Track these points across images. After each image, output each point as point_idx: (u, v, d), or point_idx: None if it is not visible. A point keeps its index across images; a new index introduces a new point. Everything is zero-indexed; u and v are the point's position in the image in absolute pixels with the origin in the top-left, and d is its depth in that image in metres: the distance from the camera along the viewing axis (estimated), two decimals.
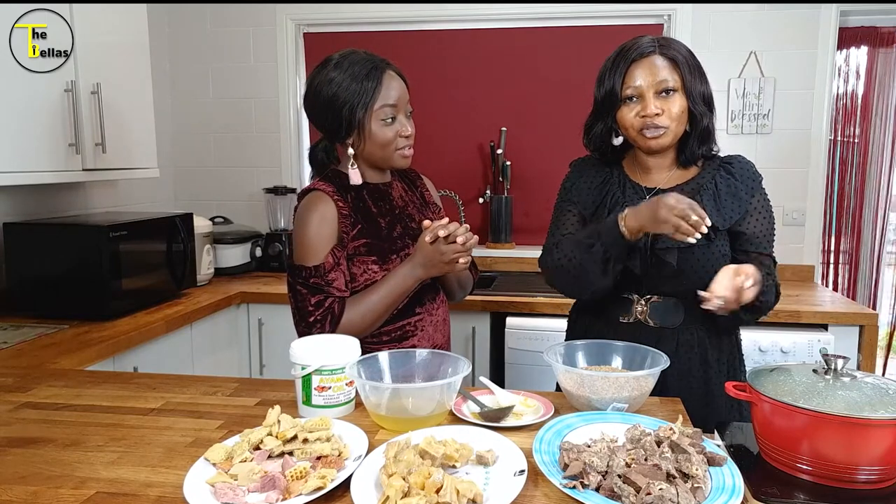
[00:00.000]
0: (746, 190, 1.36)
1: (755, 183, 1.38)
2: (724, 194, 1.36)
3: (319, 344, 1.20)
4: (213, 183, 3.22)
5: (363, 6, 2.98)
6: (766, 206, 1.39)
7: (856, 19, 2.80)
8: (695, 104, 1.34)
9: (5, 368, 1.54)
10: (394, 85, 1.40)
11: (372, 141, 1.40)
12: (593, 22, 2.89)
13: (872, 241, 2.93)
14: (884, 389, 0.93)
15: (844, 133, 2.90)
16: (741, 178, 1.37)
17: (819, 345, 2.18)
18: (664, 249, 1.35)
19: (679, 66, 1.32)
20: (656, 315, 1.40)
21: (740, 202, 1.36)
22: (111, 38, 2.22)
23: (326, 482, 0.87)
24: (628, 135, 1.39)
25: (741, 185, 1.36)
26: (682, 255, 1.34)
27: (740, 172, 1.37)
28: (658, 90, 1.32)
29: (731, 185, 1.36)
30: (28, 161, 1.93)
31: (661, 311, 1.40)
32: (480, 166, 3.07)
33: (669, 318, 1.39)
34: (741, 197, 1.36)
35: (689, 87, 1.33)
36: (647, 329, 1.40)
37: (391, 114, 1.39)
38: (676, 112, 1.33)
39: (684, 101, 1.33)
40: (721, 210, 1.35)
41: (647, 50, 1.33)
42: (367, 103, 1.37)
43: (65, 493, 0.91)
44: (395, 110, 1.40)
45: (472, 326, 2.44)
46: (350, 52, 1.41)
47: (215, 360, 2.45)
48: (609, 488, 0.85)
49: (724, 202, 1.35)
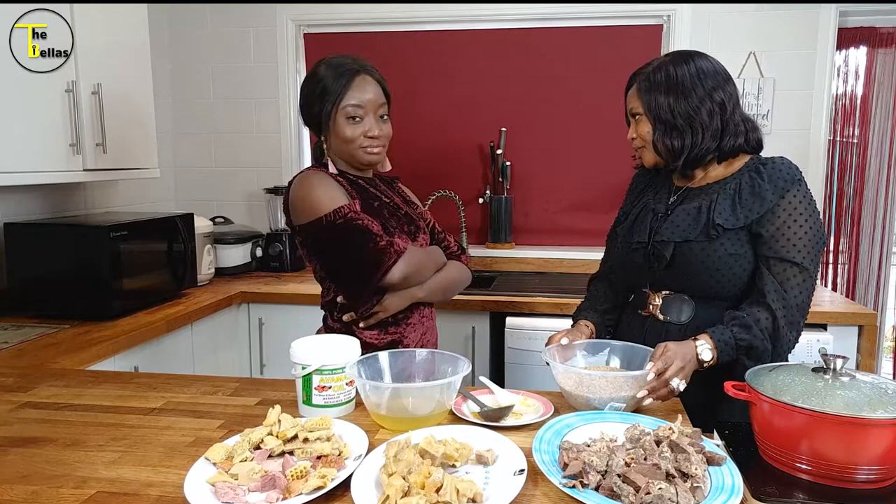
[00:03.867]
0: (774, 191, 1.31)
1: (788, 184, 1.31)
2: (746, 194, 1.33)
3: (320, 344, 1.21)
4: (213, 183, 3.23)
5: (363, 6, 2.98)
6: (798, 210, 1.30)
7: (855, 20, 2.80)
8: (658, 120, 1.37)
9: (6, 368, 1.54)
10: (366, 87, 1.46)
11: (336, 136, 1.47)
12: (593, 22, 2.88)
13: (872, 241, 2.93)
14: (883, 389, 0.93)
15: (844, 133, 2.90)
16: (770, 178, 1.32)
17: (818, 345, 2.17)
18: (662, 242, 1.38)
19: (639, 92, 1.40)
20: (666, 310, 1.42)
21: (762, 202, 1.31)
22: (111, 38, 2.22)
23: (327, 481, 0.88)
24: None
25: (768, 185, 1.32)
26: (679, 251, 1.36)
27: (771, 173, 1.33)
28: (632, 115, 1.43)
29: (758, 185, 1.33)
30: (28, 161, 1.93)
31: (670, 306, 1.42)
32: (480, 166, 3.07)
33: (678, 314, 1.40)
34: (765, 197, 1.31)
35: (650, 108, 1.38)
36: (658, 323, 1.43)
37: (355, 113, 1.45)
38: (643, 133, 1.40)
39: (648, 124, 1.39)
40: (736, 210, 1.33)
41: (632, 81, 1.44)
42: (334, 100, 1.44)
43: (65, 493, 0.91)
44: (361, 110, 1.45)
45: (472, 326, 2.44)
46: (337, 56, 1.50)
47: (216, 360, 2.45)
48: (608, 488, 0.86)
49: (743, 202, 1.33)
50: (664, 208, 1.45)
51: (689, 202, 1.40)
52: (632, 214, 1.51)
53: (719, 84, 1.37)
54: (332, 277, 1.52)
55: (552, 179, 2.98)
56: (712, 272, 1.34)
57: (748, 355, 1.27)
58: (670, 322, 1.41)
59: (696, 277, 1.35)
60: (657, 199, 1.48)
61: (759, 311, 1.29)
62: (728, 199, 1.34)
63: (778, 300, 1.29)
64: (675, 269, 1.37)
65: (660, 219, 1.43)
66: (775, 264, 1.30)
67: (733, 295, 1.36)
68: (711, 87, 1.36)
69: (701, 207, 1.36)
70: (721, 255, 1.33)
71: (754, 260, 1.34)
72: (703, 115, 1.35)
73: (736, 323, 1.27)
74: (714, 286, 1.35)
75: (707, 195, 1.38)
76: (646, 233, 1.43)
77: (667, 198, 1.47)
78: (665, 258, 1.37)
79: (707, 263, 1.33)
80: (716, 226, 1.33)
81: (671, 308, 1.42)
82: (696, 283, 1.36)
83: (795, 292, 1.29)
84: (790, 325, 1.30)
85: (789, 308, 1.29)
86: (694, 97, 1.35)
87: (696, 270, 1.35)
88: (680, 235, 1.36)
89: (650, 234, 1.42)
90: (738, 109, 1.39)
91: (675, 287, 1.41)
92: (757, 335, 1.26)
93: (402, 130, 3.02)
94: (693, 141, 1.36)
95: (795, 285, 1.29)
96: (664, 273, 1.40)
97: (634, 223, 1.48)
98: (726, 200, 1.34)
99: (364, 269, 1.42)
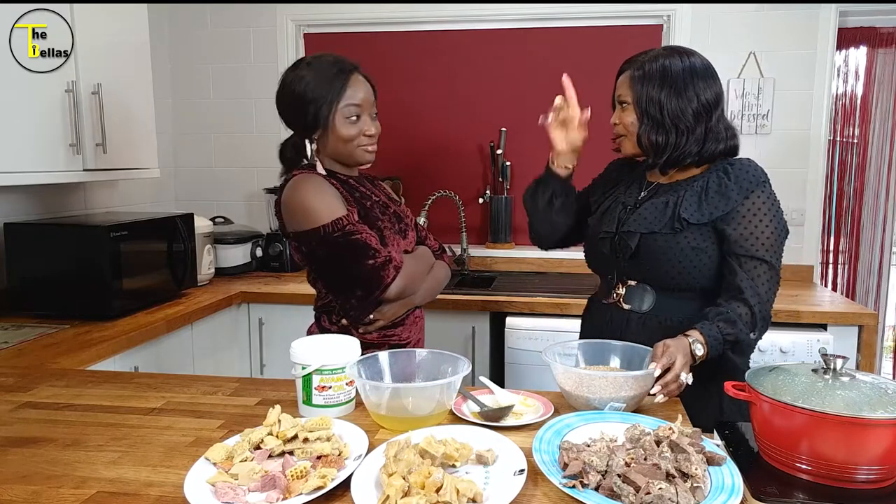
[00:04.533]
0: (739, 191, 1.36)
1: (753, 185, 1.37)
2: (713, 192, 1.38)
3: (320, 344, 1.21)
4: (213, 183, 3.23)
5: (363, 6, 2.98)
6: (762, 210, 1.36)
7: (855, 20, 2.80)
8: (647, 114, 1.39)
9: (6, 368, 1.54)
10: (360, 87, 1.47)
11: (336, 136, 1.47)
12: (593, 22, 2.89)
13: (872, 241, 2.93)
14: (883, 389, 0.93)
15: (844, 133, 2.90)
16: (736, 179, 1.38)
17: (818, 345, 2.18)
18: (628, 233, 1.43)
19: (631, 81, 1.41)
20: (629, 299, 1.47)
21: (727, 201, 1.36)
22: (111, 38, 2.22)
23: (327, 481, 0.88)
24: None
25: (734, 185, 1.37)
26: (644, 241, 1.41)
27: (737, 174, 1.38)
28: (619, 101, 1.45)
29: (724, 184, 1.38)
30: (29, 161, 1.93)
31: (632, 295, 1.46)
32: (480, 166, 3.07)
33: (639, 302, 1.45)
34: (730, 196, 1.36)
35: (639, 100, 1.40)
36: (621, 312, 1.48)
37: (355, 112, 1.46)
38: (627, 122, 1.43)
39: (633, 115, 1.42)
40: (701, 206, 1.38)
41: (625, 66, 1.45)
42: (332, 101, 1.44)
43: (65, 493, 0.91)
44: (359, 109, 1.47)
45: (472, 326, 2.44)
46: (321, 55, 1.50)
47: (216, 360, 2.45)
48: (608, 488, 0.86)
49: (710, 199, 1.38)
50: (633, 201, 1.49)
51: (657, 197, 1.45)
52: (602, 206, 1.56)
53: (709, 86, 1.39)
54: (328, 287, 1.52)
55: None
56: (674, 263, 1.39)
57: (733, 349, 1.32)
58: (632, 311, 1.46)
59: (659, 268, 1.40)
60: (628, 194, 1.53)
61: (738, 307, 1.33)
62: (695, 195, 1.40)
63: (754, 296, 1.34)
64: (639, 260, 1.43)
65: (628, 211, 1.48)
66: (746, 262, 1.35)
67: (693, 287, 1.41)
68: (702, 88, 1.38)
69: (668, 202, 1.41)
70: (683, 248, 1.38)
71: (716, 256, 1.39)
72: (688, 116, 1.38)
73: (721, 318, 1.30)
74: (676, 277, 1.40)
75: (675, 191, 1.43)
76: (614, 224, 1.48)
77: (637, 192, 1.51)
78: (630, 248, 1.42)
79: (669, 255, 1.39)
80: (681, 219, 1.38)
81: (633, 297, 1.47)
82: (659, 273, 1.41)
83: (766, 287, 1.36)
84: (763, 319, 1.35)
85: (763, 303, 1.35)
86: (684, 96, 1.38)
87: (659, 261, 1.40)
88: (646, 227, 1.41)
89: (618, 225, 1.47)
90: (723, 116, 1.43)
91: (638, 277, 1.46)
92: (742, 329, 1.31)
93: (402, 130, 3.05)
94: (677, 142, 1.39)
95: (765, 281, 1.36)
96: (629, 263, 1.45)
97: (604, 214, 1.54)
98: (693, 197, 1.40)
99: (363, 285, 1.43)
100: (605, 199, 1.58)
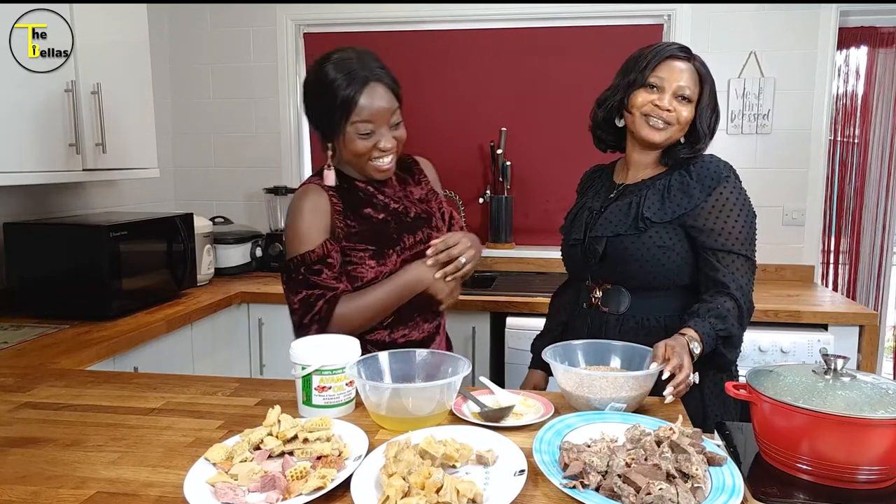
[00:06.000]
0: (701, 188, 1.38)
1: (714, 181, 1.38)
2: (675, 191, 1.40)
3: (320, 344, 1.21)
4: (213, 183, 3.22)
5: (363, 6, 2.98)
6: (728, 205, 1.37)
7: (856, 19, 2.80)
8: (700, 121, 1.41)
9: (6, 368, 1.54)
10: (376, 97, 1.38)
11: (347, 150, 1.42)
12: (593, 22, 2.89)
13: (872, 242, 2.93)
14: (883, 389, 0.93)
15: (844, 133, 2.90)
16: (698, 176, 1.39)
17: (819, 345, 2.18)
18: (595, 238, 1.45)
19: (703, 83, 1.41)
20: (607, 301, 1.48)
21: (690, 199, 1.38)
22: (111, 38, 2.22)
23: (327, 482, 0.87)
24: (632, 118, 1.44)
25: (696, 183, 1.39)
26: (611, 244, 1.43)
27: (698, 171, 1.40)
28: (677, 93, 1.39)
29: (685, 182, 1.40)
30: (28, 161, 1.93)
31: (610, 297, 1.47)
32: (480, 166, 3.07)
33: (615, 304, 1.46)
34: (692, 194, 1.38)
35: (702, 104, 1.41)
36: (600, 315, 1.49)
37: (367, 129, 1.38)
38: (684, 118, 1.40)
39: (692, 113, 1.41)
40: (664, 205, 1.40)
41: (683, 55, 1.42)
42: (344, 113, 1.37)
43: (65, 493, 0.91)
44: (372, 125, 1.38)
45: (472, 326, 2.44)
46: (344, 54, 1.40)
47: (215, 360, 2.45)
48: (609, 488, 0.85)
49: (671, 198, 1.40)
50: (599, 205, 1.51)
51: (622, 199, 1.46)
52: (572, 213, 1.60)
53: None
54: None
55: (552, 179, 2.97)
56: (642, 263, 1.40)
57: (725, 344, 1.32)
58: (609, 313, 1.47)
59: (628, 269, 1.42)
60: (595, 198, 1.55)
61: (725, 301, 1.33)
62: (657, 194, 1.41)
63: (737, 289, 1.35)
64: (608, 262, 1.44)
65: (594, 216, 1.50)
66: (723, 256, 1.36)
67: (667, 285, 1.42)
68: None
69: (631, 203, 1.43)
70: (650, 248, 1.39)
71: (686, 253, 1.40)
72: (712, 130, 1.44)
73: (711, 314, 1.30)
74: (646, 277, 1.41)
75: (639, 191, 1.45)
76: (581, 230, 1.50)
77: (605, 195, 1.54)
78: (598, 252, 1.44)
79: (636, 255, 1.40)
80: (644, 219, 1.39)
81: (610, 299, 1.48)
82: (629, 274, 1.43)
83: (745, 280, 1.37)
84: (749, 312, 1.36)
85: (745, 295, 1.36)
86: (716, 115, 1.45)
87: (627, 262, 1.41)
88: (612, 230, 1.43)
89: (585, 231, 1.49)
90: None
91: (611, 279, 1.47)
92: (732, 324, 1.31)
93: None
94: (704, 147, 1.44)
95: (744, 273, 1.37)
96: (599, 266, 1.47)
97: (573, 221, 1.56)
98: (655, 195, 1.41)
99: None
100: (574, 207, 1.62)
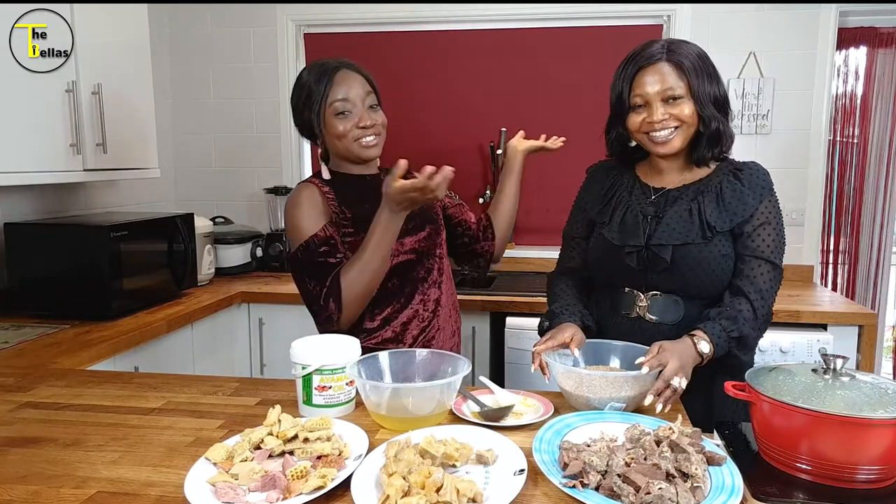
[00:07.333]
0: (754, 196, 1.36)
1: (766, 191, 1.37)
2: (729, 197, 1.36)
3: (320, 344, 1.21)
4: (213, 183, 3.23)
5: (363, 6, 2.98)
6: (772, 215, 1.37)
7: (855, 20, 2.80)
8: (703, 108, 1.35)
9: (6, 368, 1.54)
10: (347, 81, 1.46)
11: (329, 134, 1.48)
12: (593, 22, 2.88)
13: (872, 241, 2.93)
14: (883, 389, 0.93)
15: (844, 133, 2.90)
16: (749, 184, 1.36)
17: (818, 345, 2.18)
18: (659, 246, 1.38)
19: (685, 72, 1.34)
20: (655, 311, 1.41)
21: (745, 207, 1.35)
22: (111, 38, 2.22)
23: (327, 481, 0.88)
24: (638, 140, 1.42)
25: (748, 191, 1.36)
26: (678, 252, 1.36)
27: (749, 179, 1.37)
28: (664, 97, 1.34)
29: (738, 189, 1.36)
30: (29, 161, 1.93)
31: (660, 307, 1.41)
32: (480, 166, 3.07)
33: (668, 314, 1.40)
34: (746, 202, 1.35)
35: (696, 92, 1.34)
36: (646, 324, 1.42)
37: (344, 107, 1.45)
38: (686, 115, 1.35)
39: (692, 106, 1.35)
40: (722, 212, 1.36)
41: (654, 57, 1.35)
42: (319, 102, 1.45)
43: (66, 493, 0.91)
44: (347, 104, 1.45)
45: (472, 326, 2.44)
46: (318, 59, 1.51)
47: (216, 360, 2.45)
48: (609, 487, 0.86)
49: (727, 205, 1.36)
50: (653, 210, 1.43)
51: (676, 205, 1.40)
52: (615, 217, 1.46)
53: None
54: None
55: (552, 179, 2.97)
56: (708, 273, 1.36)
57: (738, 345, 1.30)
58: (661, 322, 1.40)
59: (694, 278, 1.37)
60: (637, 202, 1.45)
61: (739, 302, 1.32)
62: (713, 201, 1.37)
63: (754, 291, 1.33)
64: (674, 272, 1.38)
65: (650, 221, 1.42)
66: (750, 261, 1.35)
67: (717, 294, 1.39)
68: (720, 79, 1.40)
69: (692, 210, 1.38)
70: (716, 257, 1.35)
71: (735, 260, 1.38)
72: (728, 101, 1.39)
73: (723, 316, 1.29)
74: (708, 286, 1.37)
75: (692, 197, 1.39)
76: (641, 236, 1.40)
77: (645, 198, 1.45)
78: (665, 261, 1.37)
79: (704, 265, 1.35)
80: (710, 227, 1.35)
81: (660, 308, 1.41)
82: (692, 283, 1.37)
83: (767, 286, 1.35)
84: (764, 316, 1.35)
85: (764, 299, 1.34)
86: (721, 81, 1.39)
87: (695, 272, 1.36)
88: (677, 238, 1.36)
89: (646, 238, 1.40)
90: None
91: (666, 288, 1.40)
92: (744, 325, 1.30)
93: (402, 130, 3.03)
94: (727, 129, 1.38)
95: (768, 280, 1.35)
96: (659, 275, 1.39)
97: (623, 226, 1.44)
98: (712, 203, 1.37)
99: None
100: (612, 209, 1.47)
